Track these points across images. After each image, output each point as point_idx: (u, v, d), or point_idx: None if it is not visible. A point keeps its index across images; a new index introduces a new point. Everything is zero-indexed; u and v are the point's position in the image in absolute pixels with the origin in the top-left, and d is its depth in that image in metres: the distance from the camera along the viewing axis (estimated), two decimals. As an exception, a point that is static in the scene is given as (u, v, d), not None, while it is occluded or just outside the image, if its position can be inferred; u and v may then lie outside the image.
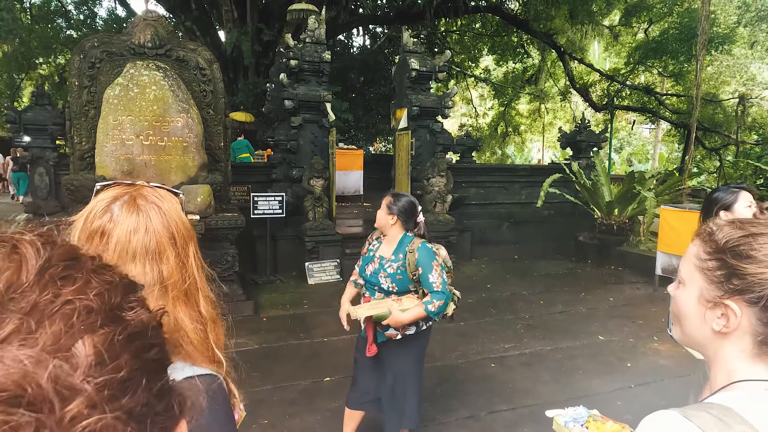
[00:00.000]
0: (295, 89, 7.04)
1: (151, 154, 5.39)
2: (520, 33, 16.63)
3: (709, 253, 0.86)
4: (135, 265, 0.88)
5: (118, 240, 0.88)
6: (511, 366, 4.30)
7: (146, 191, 0.95)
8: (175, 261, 0.91)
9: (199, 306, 0.95)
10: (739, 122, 13.12)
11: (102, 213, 0.90)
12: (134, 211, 0.90)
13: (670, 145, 23.66)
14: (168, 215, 0.93)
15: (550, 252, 8.64)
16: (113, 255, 0.88)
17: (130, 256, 0.88)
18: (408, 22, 16.97)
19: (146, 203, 0.92)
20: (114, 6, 18.76)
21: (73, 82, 5.61)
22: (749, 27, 15.31)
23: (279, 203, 6.66)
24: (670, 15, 14.73)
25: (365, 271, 2.73)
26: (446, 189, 7.30)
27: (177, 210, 0.96)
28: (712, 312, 0.83)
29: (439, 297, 2.55)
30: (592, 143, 9.03)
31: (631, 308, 5.96)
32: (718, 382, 0.82)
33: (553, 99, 22.08)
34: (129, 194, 0.93)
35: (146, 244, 0.89)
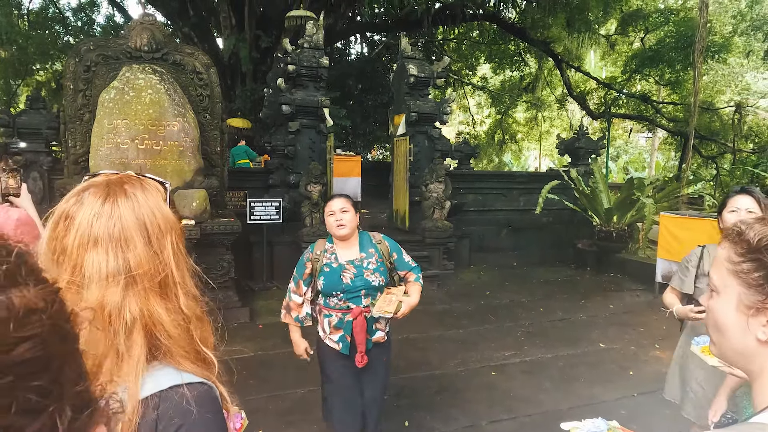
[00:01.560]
0: (292, 94, 7.00)
1: (146, 158, 5.32)
2: (518, 41, 16.69)
3: (743, 254, 0.78)
4: (97, 251, 0.82)
5: (80, 223, 0.82)
6: (511, 374, 4.23)
7: (126, 179, 0.90)
8: (144, 250, 0.85)
9: (178, 300, 0.88)
10: (735, 130, 13.17)
11: (71, 196, 0.85)
12: (101, 196, 0.85)
13: (666, 154, 23.73)
14: (141, 203, 0.87)
15: (549, 259, 8.59)
16: (74, 238, 0.82)
17: (92, 241, 0.82)
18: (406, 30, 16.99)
19: (118, 189, 0.87)
20: (112, 12, 18.73)
21: (68, 85, 5.54)
22: (744, 36, 15.41)
23: (276, 209, 6.59)
24: (666, 24, 14.81)
25: (341, 283, 2.52)
26: (445, 195, 7.25)
27: (156, 199, 0.90)
28: (756, 319, 0.75)
29: (418, 269, 2.73)
30: (590, 150, 9.01)
31: (632, 316, 5.89)
32: (764, 400, 0.74)
33: (550, 107, 22.14)
34: (104, 181, 0.88)
35: (110, 230, 0.83)
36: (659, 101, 15.49)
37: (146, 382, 0.80)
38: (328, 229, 2.59)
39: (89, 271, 0.81)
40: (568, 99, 18.89)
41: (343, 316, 2.53)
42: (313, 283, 2.63)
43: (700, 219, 6.17)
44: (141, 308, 0.82)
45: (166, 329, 0.84)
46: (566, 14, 14.20)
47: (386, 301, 2.57)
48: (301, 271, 2.63)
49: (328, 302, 2.56)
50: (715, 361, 1.95)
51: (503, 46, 17.71)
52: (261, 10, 14.13)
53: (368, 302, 2.54)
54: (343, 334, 2.49)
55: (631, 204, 7.67)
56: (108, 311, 0.80)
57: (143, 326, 0.82)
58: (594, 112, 15.46)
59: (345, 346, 2.50)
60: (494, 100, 21.27)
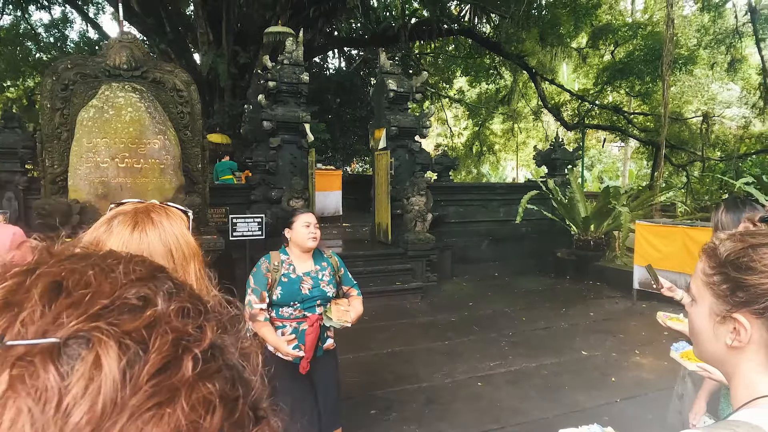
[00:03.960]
0: (273, 110, 7.03)
1: (126, 177, 5.27)
2: (493, 55, 17.03)
3: (713, 268, 0.86)
4: None
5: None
6: (497, 384, 4.28)
7: (151, 207, 0.94)
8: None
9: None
10: (703, 139, 13.63)
11: (101, 224, 0.89)
12: (130, 225, 0.89)
13: (639, 162, 24.33)
14: (167, 231, 0.91)
15: (529, 268, 8.72)
16: None
17: None
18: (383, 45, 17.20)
19: (146, 217, 0.90)
20: (85, 29, 18.55)
21: (45, 104, 5.47)
22: (708, 49, 16.02)
23: (258, 225, 6.57)
24: (634, 38, 15.31)
25: (299, 293, 2.61)
26: (426, 208, 7.33)
27: (180, 227, 0.94)
28: (723, 326, 0.83)
29: (358, 286, 2.89)
30: (566, 161, 9.22)
31: (612, 323, 6.02)
32: (740, 398, 0.81)
33: (525, 118, 22.57)
34: (133, 210, 0.91)
35: None
36: (630, 112, 15.93)
37: None
38: (299, 239, 2.65)
39: None
40: (543, 110, 19.29)
41: (298, 325, 2.60)
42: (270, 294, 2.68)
43: (673, 227, 6.37)
44: None
45: None
46: (539, 29, 14.59)
47: (340, 311, 2.67)
48: (263, 282, 2.63)
49: (281, 313, 2.63)
50: (693, 365, 2.04)
51: (479, 60, 18.05)
52: (238, 26, 14.17)
53: (321, 311, 2.65)
54: (297, 343, 2.53)
55: (607, 213, 7.86)
56: None
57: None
58: (568, 123, 15.82)
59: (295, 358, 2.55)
60: (471, 112, 21.60)
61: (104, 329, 0.27)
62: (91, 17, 16.98)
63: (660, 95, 15.84)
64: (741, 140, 15.68)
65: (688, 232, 6.10)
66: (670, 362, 4.74)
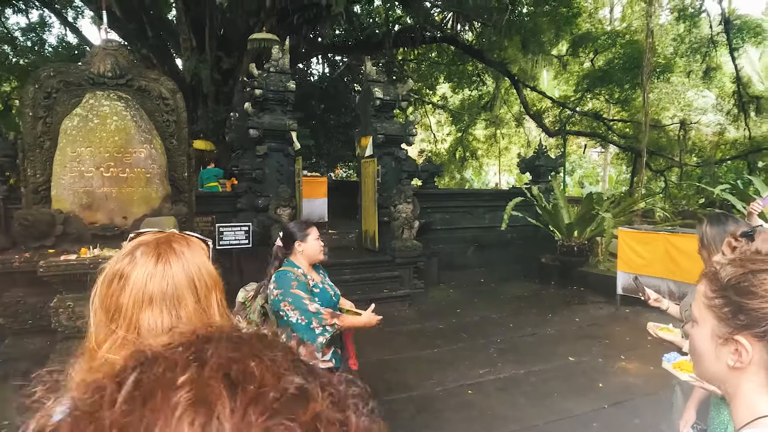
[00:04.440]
0: (260, 118, 7.00)
1: (112, 186, 5.21)
2: (476, 62, 17.21)
3: (715, 291, 0.90)
4: (152, 309, 0.87)
5: (134, 283, 0.87)
6: (487, 392, 4.31)
7: (172, 237, 0.94)
8: (194, 307, 0.90)
9: None
10: (681, 146, 13.94)
11: (124, 256, 0.90)
12: (154, 256, 0.89)
13: (618, 168, 24.74)
14: (189, 261, 0.92)
15: (514, 274, 8.80)
16: (128, 297, 0.86)
17: (147, 299, 0.86)
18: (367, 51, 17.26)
19: (168, 248, 0.91)
20: (64, 33, 18.24)
21: (27, 112, 5.38)
22: (684, 57, 16.41)
23: (245, 233, 6.54)
24: (613, 46, 15.62)
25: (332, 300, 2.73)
26: (413, 215, 7.36)
27: (201, 257, 0.95)
28: (725, 348, 0.86)
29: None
30: (550, 168, 9.35)
31: (597, 328, 6.12)
32: (742, 418, 0.85)
33: (507, 125, 22.82)
34: (155, 240, 0.92)
35: (163, 289, 0.88)
36: (610, 119, 16.21)
37: None
38: (312, 252, 2.70)
39: (145, 329, 0.84)
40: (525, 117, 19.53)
41: (333, 330, 2.55)
42: None
43: (656, 233, 6.50)
44: None
45: None
46: (521, 36, 14.77)
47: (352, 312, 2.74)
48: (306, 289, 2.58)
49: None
50: (686, 375, 2.10)
51: (461, 67, 18.22)
52: (222, 32, 14.09)
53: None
54: (335, 348, 2.60)
55: (590, 219, 7.99)
56: None
57: None
58: (550, 130, 16.04)
59: (337, 359, 2.63)
60: (454, 118, 21.77)
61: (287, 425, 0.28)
62: (70, 21, 16.70)
63: (638, 102, 16.21)
64: (717, 146, 16.07)
65: (669, 239, 6.24)
66: (655, 367, 4.83)
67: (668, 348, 2.40)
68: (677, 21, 16.06)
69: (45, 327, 4.67)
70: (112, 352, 0.85)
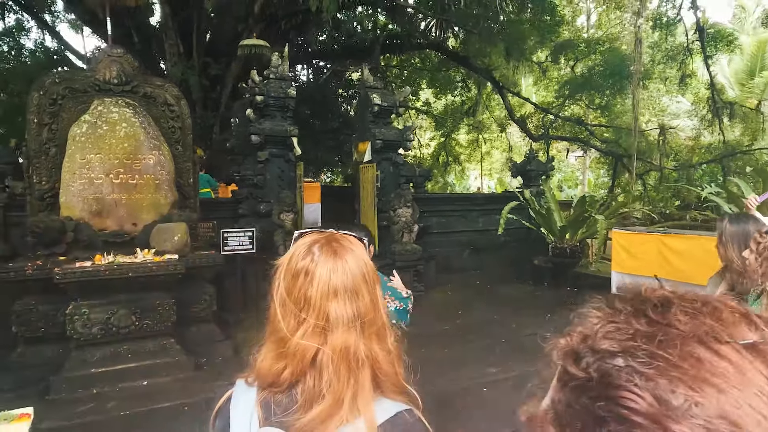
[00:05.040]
0: (261, 124, 7.05)
1: (121, 193, 5.20)
2: (459, 68, 17.50)
3: None
4: (336, 301, 0.96)
5: (320, 277, 0.96)
6: (503, 389, 4.44)
7: (339, 237, 1.04)
8: (368, 299, 1.00)
9: (387, 341, 1.02)
10: (660, 150, 14.40)
11: (305, 255, 0.99)
12: (332, 254, 0.99)
13: (596, 172, 25.37)
14: (359, 257, 1.02)
15: (508, 276, 8.99)
16: (316, 290, 0.95)
17: (332, 292, 0.96)
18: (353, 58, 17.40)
19: (341, 247, 1.01)
20: (42, 38, 17.88)
21: (32, 119, 5.32)
22: (661, 65, 16.98)
23: (249, 239, 6.56)
24: (593, 53, 16.07)
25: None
26: (412, 219, 7.49)
27: (364, 254, 1.05)
28: None
29: None
30: (540, 172, 9.60)
31: (596, 326, 6.31)
32: None
33: (489, 129, 23.20)
34: (326, 239, 1.01)
35: (345, 282, 0.97)
36: (593, 124, 16.65)
37: (376, 411, 0.93)
38: None
39: (333, 318, 0.94)
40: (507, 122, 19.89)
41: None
42: None
43: (648, 234, 6.76)
44: (368, 349, 0.96)
45: (382, 367, 0.98)
46: (505, 44, 15.10)
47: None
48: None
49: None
50: None
51: (445, 73, 18.50)
52: (209, 38, 14.05)
53: None
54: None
55: (582, 221, 8.24)
56: (352, 352, 0.93)
57: (370, 365, 0.96)
58: (534, 135, 16.39)
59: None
60: (437, 123, 22.03)
61: None
62: (50, 25, 16.40)
63: (618, 108, 16.73)
64: (692, 150, 16.65)
65: (662, 240, 6.49)
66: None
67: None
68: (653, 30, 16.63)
69: (58, 335, 4.64)
70: (305, 338, 0.94)
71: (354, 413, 0.91)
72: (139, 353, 4.64)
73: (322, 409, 0.91)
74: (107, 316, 4.49)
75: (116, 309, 4.53)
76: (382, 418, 0.94)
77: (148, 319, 4.66)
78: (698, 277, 5.85)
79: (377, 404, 0.95)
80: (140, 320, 4.63)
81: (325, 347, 0.94)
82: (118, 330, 4.54)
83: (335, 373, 0.92)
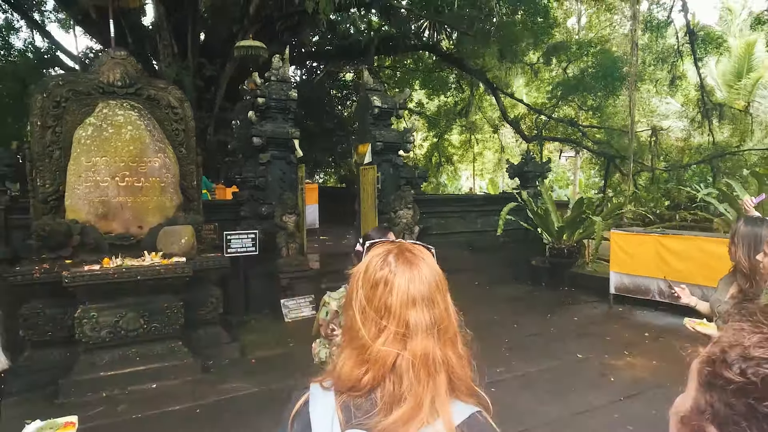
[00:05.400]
0: (262, 126, 7.06)
1: (127, 196, 5.20)
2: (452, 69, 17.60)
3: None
4: (415, 309, 1.01)
5: (399, 287, 1.01)
6: (510, 389, 4.51)
7: (410, 247, 1.08)
8: (443, 306, 1.05)
9: (458, 346, 1.07)
10: (652, 151, 14.61)
11: (382, 265, 1.03)
12: (408, 263, 1.03)
13: (587, 172, 25.62)
14: (431, 266, 1.06)
15: (506, 277, 9.07)
16: (396, 300, 1.00)
17: (410, 301, 1.01)
18: (347, 59, 17.46)
19: (414, 257, 1.05)
20: (32, 37, 17.70)
21: (35, 122, 5.30)
22: (652, 66, 17.21)
23: (252, 241, 6.57)
24: (585, 55, 16.25)
25: None
26: (413, 221, 7.54)
27: (435, 263, 1.09)
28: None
29: None
30: (537, 173, 9.71)
31: (596, 326, 6.42)
32: None
33: (481, 130, 23.34)
34: (398, 249, 1.06)
35: (422, 291, 1.02)
36: (586, 125, 16.83)
37: (453, 413, 0.98)
38: None
39: (413, 326, 0.98)
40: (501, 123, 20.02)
41: None
42: None
43: (646, 235, 6.88)
44: (443, 354, 1.00)
45: (456, 371, 1.03)
46: (499, 46, 15.21)
47: None
48: None
49: None
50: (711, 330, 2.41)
51: (438, 74, 18.60)
52: (204, 39, 14.00)
53: None
54: None
55: (580, 222, 8.34)
56: (430, 358, 0.97)
57: (445, 369, 1.00)
58: (527, 136, 16.53)
59: None
60: (430, 124, 22.13)
61: None
62: (40, 24, 16.24)
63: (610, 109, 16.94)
64: (683, 151, 16.90)
65: (660, 240, 6.61)
66: (659, 362, 5.14)
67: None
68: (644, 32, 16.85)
69: (65, 338, 4.63)
70: (387, 345, 0.99)
71: (433, 415, 0.96)
72: (147, 356, 4.64)
73: (404, 412, 0.95)
74: (116, 320, 4.50)
75: (125, 312, 4.54)
76: (458, 419, 0.98)
77: (156, 322, 4.67)
78: (696, 277, 5.98)
79: (452, 406, 1.00)
80: (148, 323, 4.63)
81: (405, 353, 0.98)
82: (127, 333, 4.55)
83: (416, 377, 0.97)
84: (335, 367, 1.06)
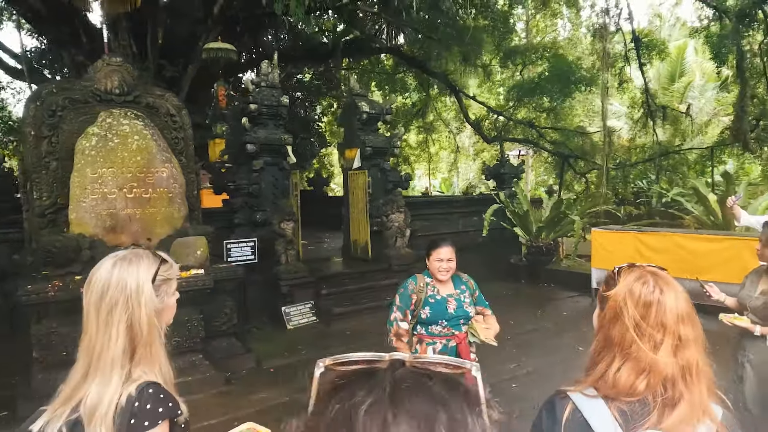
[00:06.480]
0: (255, 133, 7.00)
1: (135, 208, 5.05)
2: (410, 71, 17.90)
3: None
4: (684, 324, 1.19)
5: (670, 306, 1.17)
6: (526, 383, 4.77)
7: (657, 270, 1.24)
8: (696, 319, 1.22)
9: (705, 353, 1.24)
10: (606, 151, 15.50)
11: (646, 287, 1.18)
12: (666, 285, 1.20)
13: (536, 171, 26.72)
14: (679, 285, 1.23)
15: (487, 275, 9.33)
16: (670, 317, 1.17)
17: (680, 318, 1.18)
18: (311, 62, 17.37)
19: (668, 278, 1.21)
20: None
21: (29, 132, 5.04)
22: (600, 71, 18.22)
23: (251, 249, 6.52)
24: (540, 59, 17.00)
25: (447, 312, 2.98)
26: (405, 224, 7.71)
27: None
28: None
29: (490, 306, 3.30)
30: (512, 175, 10.12)
31: (587, 320, 6.79)
32: None
33: (438, 131, 23.85)
34: (650, 273, 1.22)
35: (686, 309, 1.20)
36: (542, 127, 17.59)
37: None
38: (432, 270, 3.01)
39: (684, 338, 1.15)
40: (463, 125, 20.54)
41: (447, 342, 2.95)
42: (415, 312, 3.00)
43: (626, 232, 7.38)
44: (704, 362, 1.17)
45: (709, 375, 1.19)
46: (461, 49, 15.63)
47: (484, 330, 3.05)
48: (407, 301, 2.99)
49: (431, 330, 2.98)
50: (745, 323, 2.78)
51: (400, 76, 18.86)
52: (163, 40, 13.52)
53: (465, 330, 3.01)
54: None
55: (558, 221, 8.80)
56: (700, 365, 1.14)
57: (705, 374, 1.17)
58: (488, 137, 17.08)
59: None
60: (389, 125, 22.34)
61: None
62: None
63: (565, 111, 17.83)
64: (629, 151, 18.03)
65: (638, 237, 7.12)
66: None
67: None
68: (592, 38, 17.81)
69: (82, 358, 4.44)
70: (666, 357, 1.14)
71: (705, 414, 1.13)
72: (169, 372, 4.54)
73: (684, 412, 1.11)
74: (137, 336, 4.37)
75: (146, 328, 4.41)
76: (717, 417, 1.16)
77: (177, 336, 4.58)
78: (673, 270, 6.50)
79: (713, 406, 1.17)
80: (170, 337, 4.51)
81: (681, 362, 1.14)
82: (149, 349, 4.43)
83: (689, 382, 1.13)
84: (602, 377, 1.21)
